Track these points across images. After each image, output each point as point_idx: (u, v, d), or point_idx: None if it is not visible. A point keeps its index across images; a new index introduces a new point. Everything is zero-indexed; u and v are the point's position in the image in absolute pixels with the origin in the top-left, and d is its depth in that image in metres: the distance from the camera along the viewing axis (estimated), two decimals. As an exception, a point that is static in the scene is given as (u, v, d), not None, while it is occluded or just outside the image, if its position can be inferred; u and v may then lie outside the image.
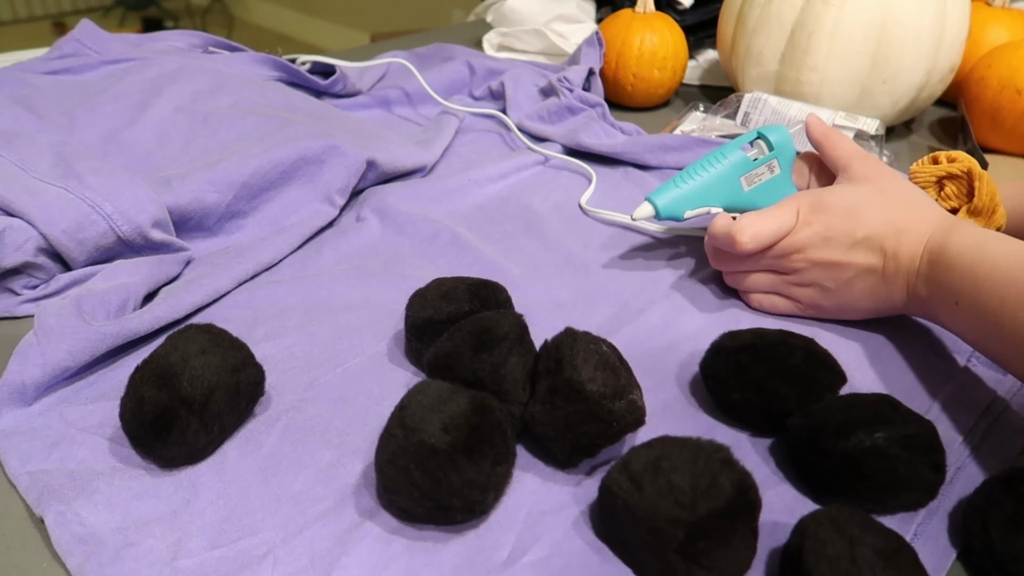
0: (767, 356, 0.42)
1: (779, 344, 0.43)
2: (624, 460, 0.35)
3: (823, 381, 0.42)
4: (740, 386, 0.42)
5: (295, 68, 0.82)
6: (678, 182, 0.54)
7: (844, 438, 0.38)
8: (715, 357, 0.44)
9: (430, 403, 0.36)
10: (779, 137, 0.55)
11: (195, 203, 0.57)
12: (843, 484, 0.38)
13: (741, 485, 0.33)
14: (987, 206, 0.54)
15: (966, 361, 0.49)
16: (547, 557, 0.36)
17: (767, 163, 0.55)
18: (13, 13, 3.72)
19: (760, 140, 0.55)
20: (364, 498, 0.38)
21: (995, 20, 0.88)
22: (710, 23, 0.96)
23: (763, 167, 0.55)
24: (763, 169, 0.55)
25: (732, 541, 0.33)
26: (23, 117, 0.64)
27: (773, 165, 0.55)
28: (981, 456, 0.42)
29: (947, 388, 0.47)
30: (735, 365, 0.42)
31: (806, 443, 0.39)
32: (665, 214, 0.54)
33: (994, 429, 0.44)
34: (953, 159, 0.57)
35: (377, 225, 0.62)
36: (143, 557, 0.35)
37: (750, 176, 0.55)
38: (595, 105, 0.80)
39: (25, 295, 0.52)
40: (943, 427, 0.44)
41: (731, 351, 0.43)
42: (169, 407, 0.38)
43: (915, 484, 0.38)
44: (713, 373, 0.44)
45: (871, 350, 0.50)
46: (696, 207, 0.54)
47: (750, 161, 0.55)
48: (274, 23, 3.80)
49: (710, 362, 0.44)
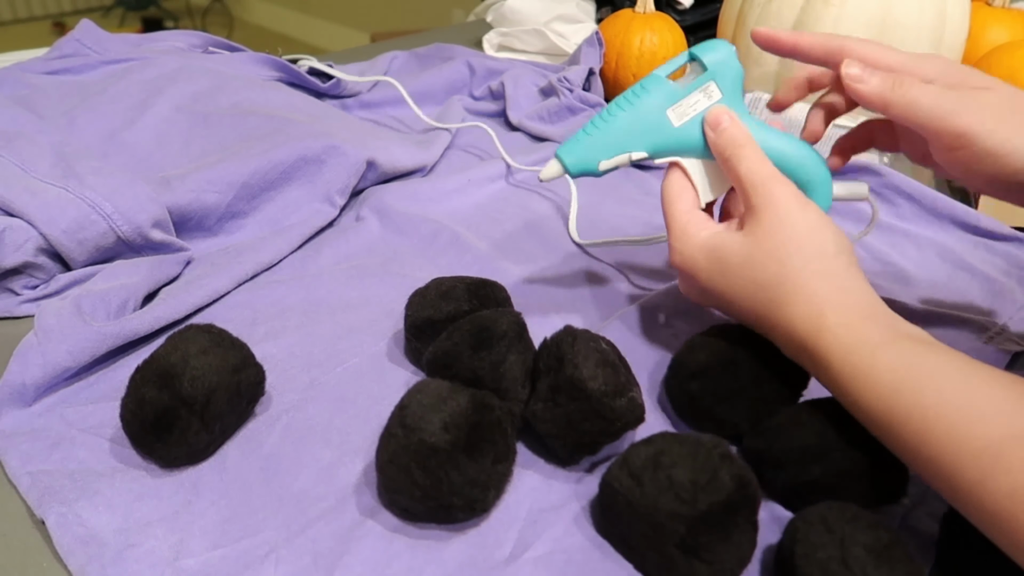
0: (716, 381, 0.41)
1: (729, 364, 0.41)
2: (624, 456, 0.35)
3: (776, 396, 0.41)
4: (692, 415, 0.43)
5: (295, 69, 0.82)
6: (589, 129, 0.44)
7: (783, 470, 0.38)
8: (672, 379, 0.44)
9: (430, 402, 0.36)
10: (715, 55, 0.43)
11: (195, 203, 0.57)
12: (798, 505, 0.37)
13: (741, 479, 0.33)
14: None
15: None
16: (549, 553, 0.36)
17: (701, 88, 0.44)
18: (13, 13, 3.72)
19: (694, 63, 0.45)
20: (365, 497, 0.38)
21: (995, 20, 0.88)
22: (710, 23, 0.96)
23: (696, 94, 0.44)
24: (696, 96, 0.44)
25: (733, 535, 0.33)
26: (23, 117, 0.64)
27: (710, 90, 0.44)
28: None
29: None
30: (685, 395, 0.42)
31: (755, 469, 0.38)
32: (576, 170, 0.45)
33: None
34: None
35: (376, 225, 0.62)
36: (145, 558, 0.35)
37: (679, 108, 0.44)
38: (595, 105, 0.80)
39: (25, 295, 0.52)
40: None
41: (684, 377, 0.42)
42: (170, 407, 0.38)
43: (868, 501, 0.37)
44: (670, 395, 0.44)
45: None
46: (614, 155, 0.44)
47: (676, 90, 0.44)
48: (274, 23, 3.80)
49: (668, 383, 0.44)
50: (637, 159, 0.45)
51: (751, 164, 0.41)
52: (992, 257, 0.60)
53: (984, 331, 0.51)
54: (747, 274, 0.40)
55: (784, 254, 0.39)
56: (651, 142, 0.44)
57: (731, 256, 0.41)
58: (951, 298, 0.55)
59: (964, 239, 0.63)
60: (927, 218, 0.65)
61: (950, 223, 0.64)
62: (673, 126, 0.44)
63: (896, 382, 0.33)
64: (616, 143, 0.44)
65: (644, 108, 0.44)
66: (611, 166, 0.45)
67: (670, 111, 0.44)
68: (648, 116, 0.44)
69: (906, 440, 0.33)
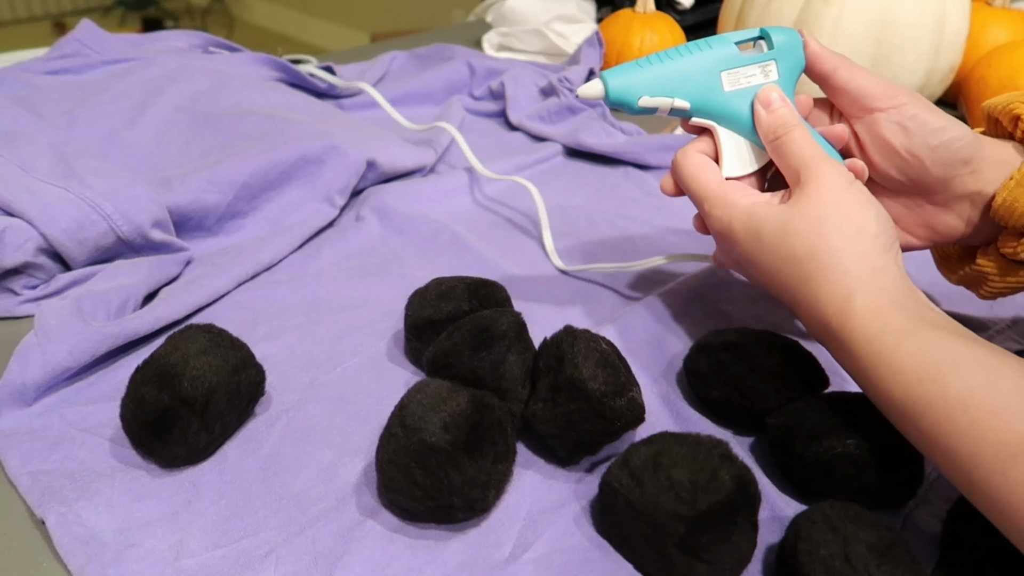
0: (747, 354, 0.42)
1: (760, 343, 0.43)
2: (624, 456, 0.35)
3: (803, 381, 0.42)
4: (720, 383, 0.42)
5: (295, 69, 0.82)
6: (641, 62, 0.44)
7: (816, 441, 0.38)
8: (698, 354, 0.44)
9: (430, 402, 0.36)
10: (785, 38, 0.44)
11: (195, 203, 0.57)
12: (818, 486, 0.38)
13: (741, 479, 0.33)
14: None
15: None
16: (548, 554, 0.36)
17: (760, 64, 0.44)
18: (13, 13, 3.73)
19: (761, 40, 0.45)
20: (365, 497, 0.38)
21: (995, 20, 0.88)
22: (710, 23, 0.96)
23: (754, 67, 0.44)
24: (754, 70, 0.44)
25: (733, 535, 0.33)
26: (23, 117, 0.64)
27: (769, 68, 0.44)
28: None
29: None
30: (716, 363, 0.43)
31: (781, 443, 0.39)
32: (615, 96, 0.43)
33: None
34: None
35: (376, 225, 0.62)
36: (145, 558, 0.35)
37: (734, 74, 0.44)
38: (595, 105, 0.80)
39: (25, 295, 0.52)
40: None
41: (713, 349, 0.43)
42: (170, 407, 0.38)
43: (889, 489, 0.37)
44: (695, 369, 0.44)
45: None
46: (658, 95, 0.44)
47: (739, 55, 0.44)
48: (274, 23, 3.80)
49: (693, 359, 0.44)
50: (679, 107, 0.44)
51: (803, 143, 0.41)
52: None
53: (985, 329, 0.51)
54: (783, 244, 0.40)
55: (823, 228, 0.38)
56: (697, 96, 0.44)
57: (771, 225, 0.40)
58: (953, 295, 0.55)
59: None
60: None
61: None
62: (723, 90, 0.44)
63: (920, 371, 0.33)
64: (664, 84, 0.44)
65: (702, 60, 0.44)
66: (650, 105, 0.44)
67: (725, 74, 0.44)
68: (703, 69, 0.44)
69: (926, 429, 0.33)
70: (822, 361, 0.43)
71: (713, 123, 0.45)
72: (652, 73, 0.43)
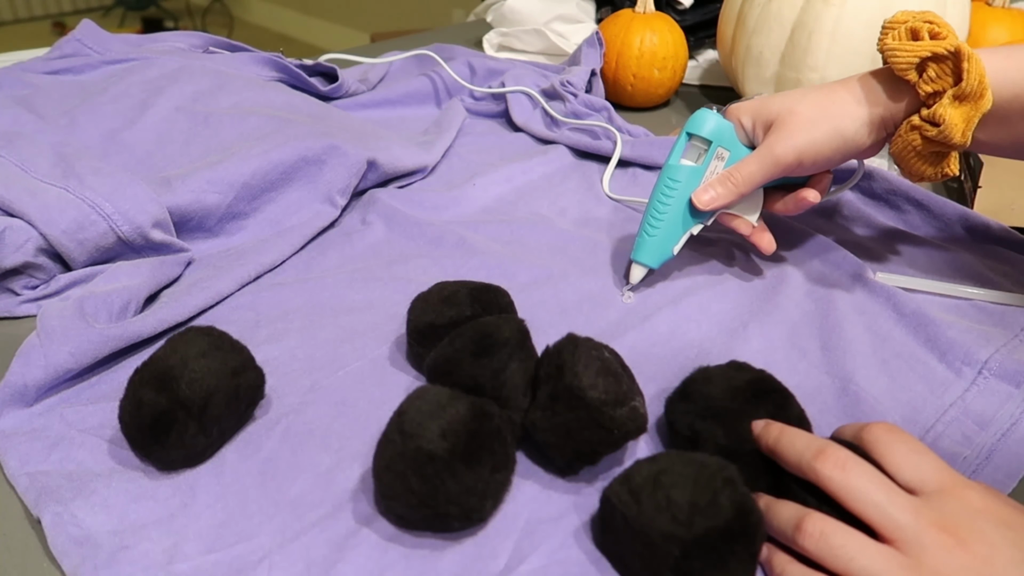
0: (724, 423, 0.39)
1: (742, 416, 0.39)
2: (627, 472, 0.35)
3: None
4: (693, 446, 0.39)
5: (296, 70, 0.81)
6: (649, 231, 0.53)
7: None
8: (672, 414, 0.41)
9: (429, 409, 0.36)
10: (710, 125, 0.51)
11: (196, 204, 0.57)
12: None
13: (742, 507, 0.32)
14: (975, 90, 0.47)
15: (976, 373, 0.47)
16: (544, 566, 0.35)
17: (714, 156, 0.52)
18: (13, 13, 3.73)
19: (695, 140, 0.52)
20: (362, 504, 0.38)
21: (995, 20, 0.88)
22: (710, 23, 0.96)
23: (713, 163, 0.52)
24: (714, 164, 0.52)
25: (729, 564, 0.32)
26: (23, 117, 0.64)
27: (721, 154, 0.52)
28: (986, 474, 0.41)
29: (955, 400, 0.46)
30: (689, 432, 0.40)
31: None
32: (657, 264, 0.53)
33: (1000, 446, 0.43)
34: (936, 34, 0.48)
35: (382, 228, 0.62)
36: (138, 560, 0.35)
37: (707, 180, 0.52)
38: (600, 109, 0.79)
39: (25, 295, 0.52)
40: (947, 441, 0.43)
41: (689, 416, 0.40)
42: (168, 410, 0.38)
43: None
44: (672, 420, 0.41)
45: (880, 360, 0.49)
46: (679, 239, 0.53)
47: (699, 169, 0.52)
48: (274, 23, 3.80)
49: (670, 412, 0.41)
50: (697, 232, 0.54)
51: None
52: (1002, 265, 0.58)
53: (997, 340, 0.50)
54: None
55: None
56: (699, 215, 0.53)
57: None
58: (962, 305, 0.54)
59: (974, 247, 0.61)
60: (936, 224, 0.63)
61: (960, 228, 0.62)
62: None
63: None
64: (675, 230, 0.53)
65: (681, 196, 0.52)
66: (681, 246, 0.54)
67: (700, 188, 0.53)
68: (687, 200, 0.52)
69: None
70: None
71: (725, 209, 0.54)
72: (662, 231, 0.53)
